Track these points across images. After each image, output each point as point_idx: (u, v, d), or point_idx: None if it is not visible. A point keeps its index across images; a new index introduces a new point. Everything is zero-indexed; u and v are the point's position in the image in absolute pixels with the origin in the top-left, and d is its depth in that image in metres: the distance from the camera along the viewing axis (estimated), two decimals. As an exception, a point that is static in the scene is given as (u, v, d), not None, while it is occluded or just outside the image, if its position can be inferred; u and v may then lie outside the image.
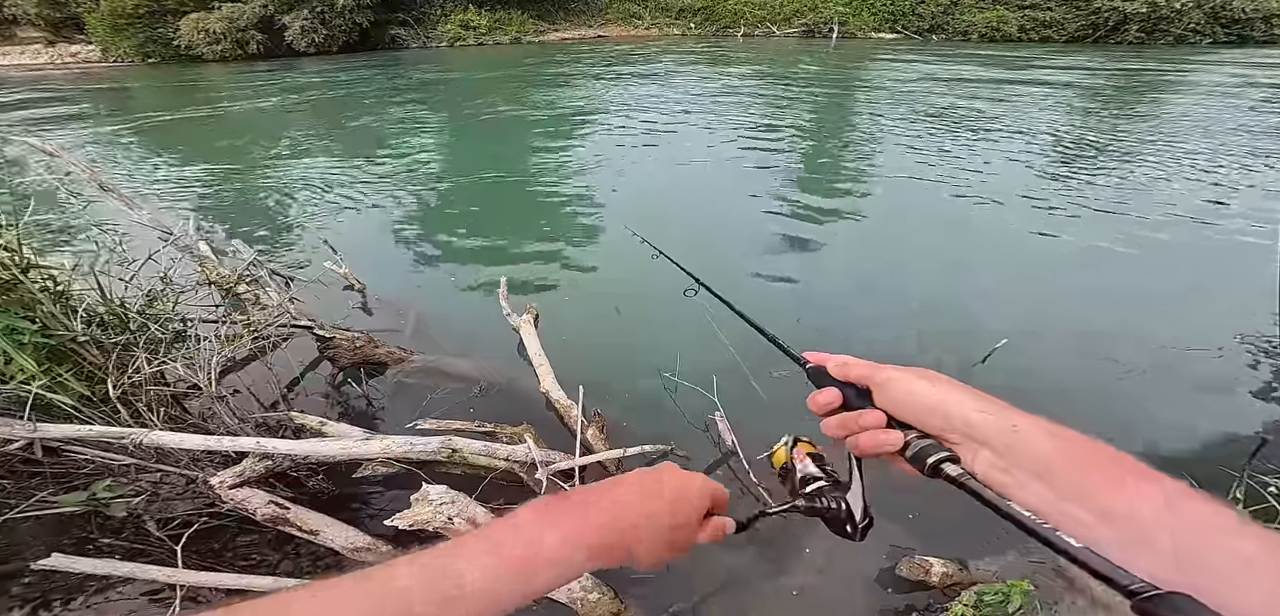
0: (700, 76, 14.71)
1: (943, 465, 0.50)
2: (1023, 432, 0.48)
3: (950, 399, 0.52)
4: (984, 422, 0.50)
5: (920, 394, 0.53)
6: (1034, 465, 0.47)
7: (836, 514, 0.58)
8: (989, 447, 0.49)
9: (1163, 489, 0.41)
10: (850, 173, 6.85)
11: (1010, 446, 0.48)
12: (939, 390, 0.53)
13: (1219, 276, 4.18)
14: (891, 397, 0.55)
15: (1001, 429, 0.49)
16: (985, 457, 0.49)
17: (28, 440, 1.95)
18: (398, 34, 27.92)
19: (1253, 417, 2.84)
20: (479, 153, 8.68)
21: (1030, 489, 0.47)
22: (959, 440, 0.51)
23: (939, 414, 0.52)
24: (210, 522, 2.02)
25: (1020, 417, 0.49)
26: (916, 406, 0.53)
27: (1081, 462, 0.45)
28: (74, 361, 2.30)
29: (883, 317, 3.73)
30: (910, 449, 0.53)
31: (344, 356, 3.15)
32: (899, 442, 0.54)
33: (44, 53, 28.05)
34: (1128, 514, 0.41)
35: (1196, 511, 0.40)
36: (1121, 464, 0.44)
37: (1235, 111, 9.39)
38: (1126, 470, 0.44)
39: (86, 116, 12.74)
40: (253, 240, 5.05)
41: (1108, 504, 0.43)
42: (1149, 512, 0.41)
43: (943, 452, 0.51)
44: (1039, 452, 0.47)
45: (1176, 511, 0.40)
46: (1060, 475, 0.45)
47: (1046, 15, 23.32)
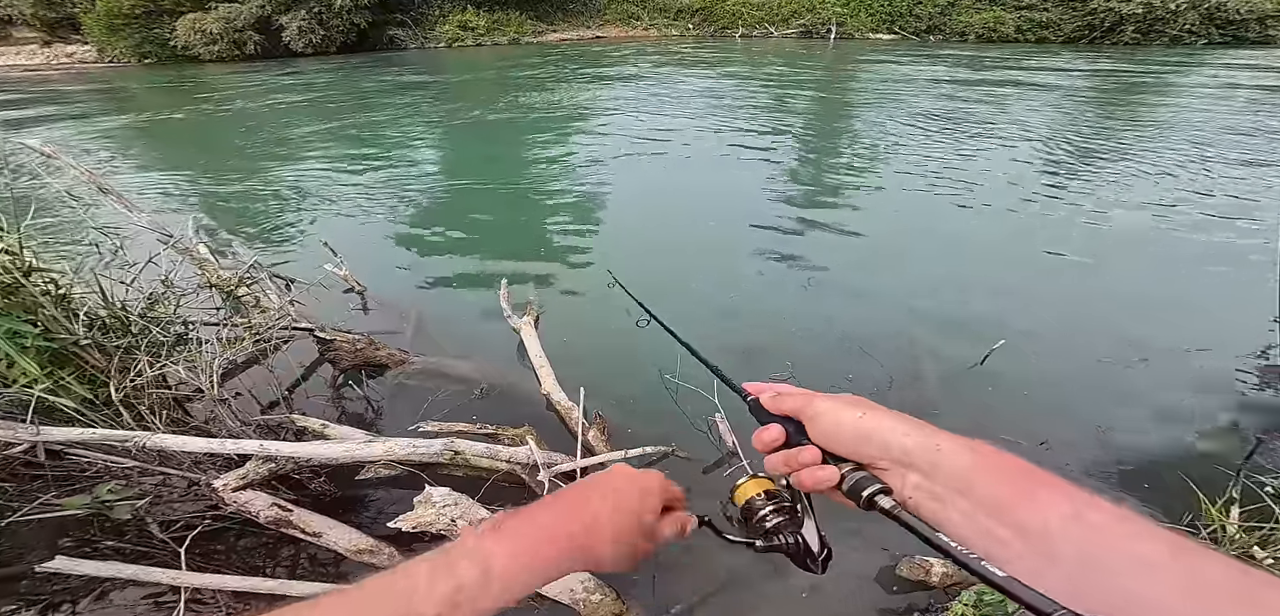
0: (699, 77, 14.73)
1: (876, 497, 0.50)
2: (945, 451, 0.48)
3: (875, 425, 0.52)
4: (909, 445, 0.50)
5: (847, 424, 0.54)
6: (956, 483, 0.47)
7: (795, 549, 0.58)
8: (916, 470, 0.49)
9: (1070, 499, 0.42)
10: (848, 174, 6.88)
11: (934, 466, 0.48)
12: (864, 418, 0.53)
13: (1215, 278, 4.20)
14: (822, 431, 0.55)
15: (925, 449, 0.49)
16: (913, 480, 0.50)
17: (31, 444, 1.95)
18: (396, 35, 27.90)
19: (1248, 419, 2.85)
20: (478, 153, 8.69)
21: (955, 507, 0.47)
22: (888, 466, 0.51)
23: (867, 442, 0.52)
24: (213, 525, 2.03)
25: (943, 437, 0.50)
26: (846, 437, 0.53)
27: (995, 477, 0.46)
28: (76, 365, 2.31)
29: (880, 319, 3.74)
30: (846, 482, 0.53)
31: (345, 359, 3.15)
32: (835, 478, 0.53)
33: (40, 53, 27.95)
34: (1040, 527, 0.42)
35: (1101, 519, 0.40)
36: (1031, 476, 0.45)
37: (1231, 112, 9.44)
38: (1036, 482, 0.44)
39: (84, 118, 12.70)
40: (253, 243, 5.06)
41: (1022, 518, 0.43)
42: (1056, 524, 0.41)
43: (875, 485, 0.51)
44: (958, 470, 0.47)
45: (1082, 521, 0.40)
46: (979, 491, 0.46)
47: (1043, 16, 23.46)
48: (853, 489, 0.52)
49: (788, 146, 8.10)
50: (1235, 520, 2.01)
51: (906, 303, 3.91)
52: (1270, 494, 2.04)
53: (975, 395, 3.01)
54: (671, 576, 2.07)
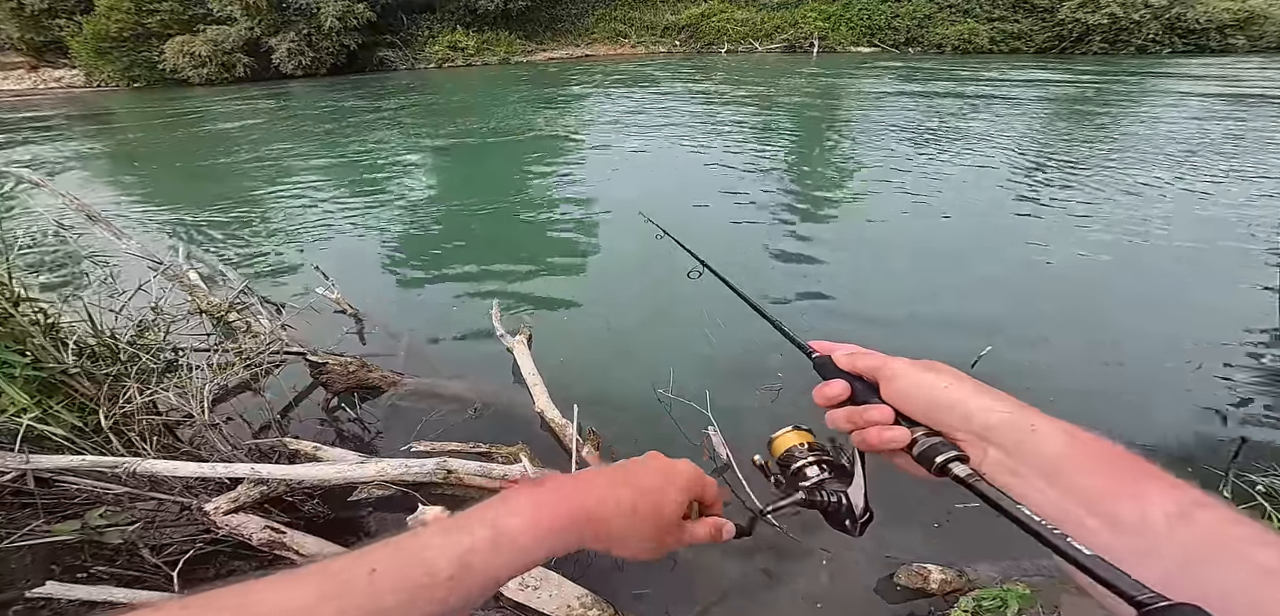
0: (686, 92, 14.92)
1: (951, 464, 0.48)
2: (1039, 431, 0.46)
3: (961, 394, 0.50)
4: (996, 421, 0.48)
5: (929, 388, 0.51)
6: (1044, 466, 0.45)
7: (836, 508, 0.55)
8: (998, 446, 0.47)
9: (1179, 496, 0.40)
10: (832, 185, 6.98)
11: (1020, 444, 0.46)
12: (950, 385, 0.51)
13: (1196, 280, 4.29)
14: (899, 391, 0.53)
15: (1015, 427, 0.47)
16: (993, 457, 0.48)
17: (20, 472, 1.94)
18: (386, 56, 28.03)
19: (1232, 417, 2.91)
20: (469, 174, 8.73)
21: (1038, 490, 0.45)
22: (967, 438, 0.49)
23: (949, 410, 0.50)
24: (205, 549, 2.01)
25: (1038, 417, 0.47)
26: (925, 401, 0.51)
27: (1095, 466, 0.44)
28: (65, 393, 2.30)
29: (867, 327, 3.79)
30: (918, 446, 0.51)
31: (337, 381, 3.15)
32: (906, 439, 0.52)
33: (27, 77, 27.79)
34: (1138, 521, 0.40)
35: (1214, 520, 0.38)
36: (1138, 469, 0.43)
37: (1198, 117, 9.69)
38: (1143, 475, 0.42)
39: (72, 144, 12.63)
40: (243, 268, 5.04)
41: (1117, 510, 0.41)
42: (1161, 520, 0.39)
43: (951, 451, 0.49)
44: (1051, 453, 0.45)
45: (1192, 520, 0.38)
46: (1071, 477, 0.44)
47: (1015, 27, 24.26)
48: (925, 453, 0.50)
49: (772, 159, 8.21)
50: None
51: (892, 309, 3.97)
52: (1262, 492, 2.06)
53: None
54: (669, 587, 2.08)
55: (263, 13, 24.79)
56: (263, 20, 25.06)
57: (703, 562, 2.14)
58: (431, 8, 28.85)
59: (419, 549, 0.44)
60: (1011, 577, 1.98)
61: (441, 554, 0.44)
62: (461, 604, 0.44)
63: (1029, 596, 1.79)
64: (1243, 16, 21.66)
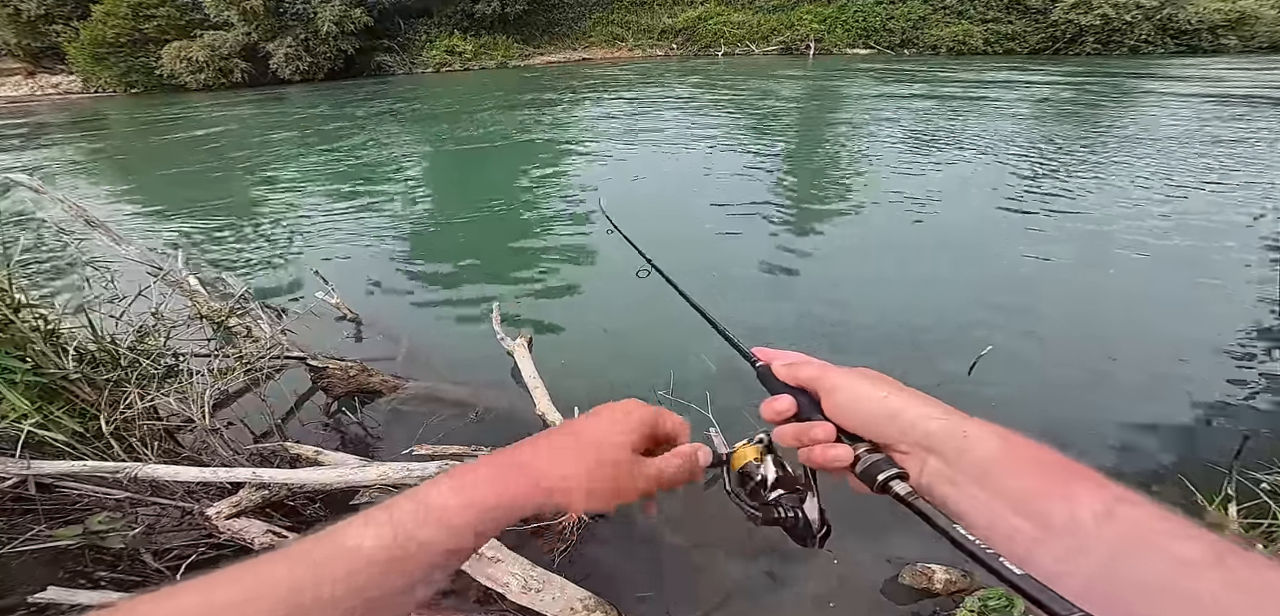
0: (683, 95, 14.96)
1: (892, 483, 0.48)
2: (971, 438, 0.46)
3: (899, 406, 0.49)
4: (933, 430, 0.47)
5: (867, 401, 0.51)
6: (979, 471, 0.45)
7: (794, 523, 0.54)
8: (937, 454, 0.47)
9: (1106, 494, 0.40)
10: (829, 186, 7.00)
11: (959, 452, 0.46)
12: (887, 395, 0.50)
13: (1194, 278, 4.31)
14: (839, 405, 0.52)
15: (951, 434, 0.47)
16: (933, 466, 0.47)
17: (21, 477, 1.94)
18: (383, 60, 28.10)
19: (1234, 415, 2.91)
20: (468, 178, 8.74)
21: (972, 496, 0.45)
22: (908, 449, 0.49)
23: (888, 422, 0.49)
24: (208, 553, 2.01)
25: (971, 423, 0.47)
26: (865, 414, 0.51)
27: (1025, 468, 0.44)
28: (66, 399, 2.29)
29: (864, 330, 3.80)
30: (860, 464, 0.50)
31: (338, 386, 3.15)
32: (848, 458, 0.51)
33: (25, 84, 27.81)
34: (1068, 520, 0.40)
35: (1138, 516, 0.38)
36: (1066, 469, 0.43)
37: (1192, 118, 9.74)
38: (1072, 475, 0.42)
39: (70, 149, 12.62)
40: (243, 273, 5.04)
41: (1047, 511, 0.41)
42: (1089, 518, 0.39)
43: (892, 469, 0.48)
44: (984, 457, 0.45)
45: (1116, 517, 0.39)
46: (1003, 481, 0.44)
47: (1008, 28, 24.48)
48: (867, 472, 0.49)
49: (772, 161, 8.23)
50: (1234, 518, 2.03)
51: (890, 310, 3.98)
52: (1266, 490, 2.06)
53: (964, 400, 3.04)
54: (675, 588, 2.08)
55: (260, 18, 24.83)
56: (260, 25, 25.11)
57: (706, 563, 2.14)
58: (428, 12, 28.93)
59: (345, 536, 0.42)
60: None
61: (372, 533, 0.42)
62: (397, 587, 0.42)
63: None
64: (1234, 17, 21.89)
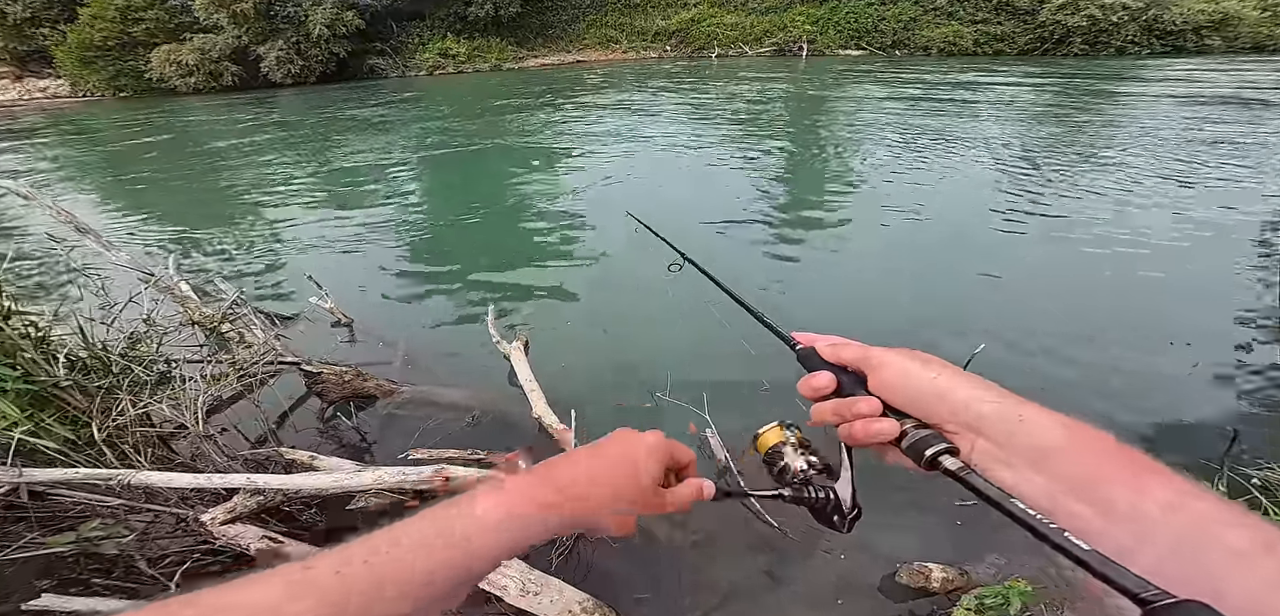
0: (677, 97, 14.99)
1: (941, 457, 0.47)
2: (1028, 422, 0.46)
3: (950, 384, 0.49)
4: (987, 411, 0.47)
5: (917, 379, 0.50)
6: (1035, 456, 0.44)
7: (824, 504, 0.54)
8: (988, 437, 0.47)
9: (1176, 486, 0.40)
10: (821, 188, 7.03)
11: (1011, 435, 0.45)
12: (939, 375, 0.50)
13: (1186, 275, 4.35)
14: (886, 382, 0.52)
15: (1005, 417, 0.46)
16: (982, 448, 0.47)
17: (13, 485, 1.92)
18: (376, 63, 27.96)
19: (1225, 410, 2.93)
20: (461, 181, 8.71)
21: (1028, 480, 0.44)
22: (956, 429, 0.48)
23: (939, 400, 0.49)
24: (203, 560, 2.00)
25: (1027, 407, 0.47)
26: (913, 392, 0.50)
27: (1088, 455, 0.43)
28: (57, 406, 2.27)
29: (857, 324, 3.81)
30: (907, 439, 0.49)
31: (332, 391, 3.13)
32: (895, 432, 0.50)
33: (12, 88, 27.44)
34: (1131, 510, 0.39)
35: (1202, 508, 0.38)
36: (1132, 459, 0.42)
37: (1180, 117, 9.85)
38: (1141, 467, 0.42)
39: (59, 154, 12.50)
40: (235, 278, 5.00)
41: (1111, 499, 0.40)
42: (1155, 509, 0.39)
43: (942, 444, 0.47)
44: (1043, 443, 0.44)
45: (1182, 509, 0.38)
46: (1063, 467, 0.43)
47: (998, 29, 24.78)
48: (914, 446, 0.48)
49: (765, 163, 8.26)
50: None
51: (884, 309, 4.00)
52: (1257, 485, 2.08)
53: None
54: (673, 590, 2.08)
55: (250, 21, 24.65)
56: (250, 28, 24.93)
57: (704, 564, 2.15)
58: (421, 15, 28.82)
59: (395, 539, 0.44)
60: (1013, 574, 1.99)
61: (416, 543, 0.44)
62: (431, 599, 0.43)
63: (1031, 593, 1.79)
64: (1218, 17, 22.17)
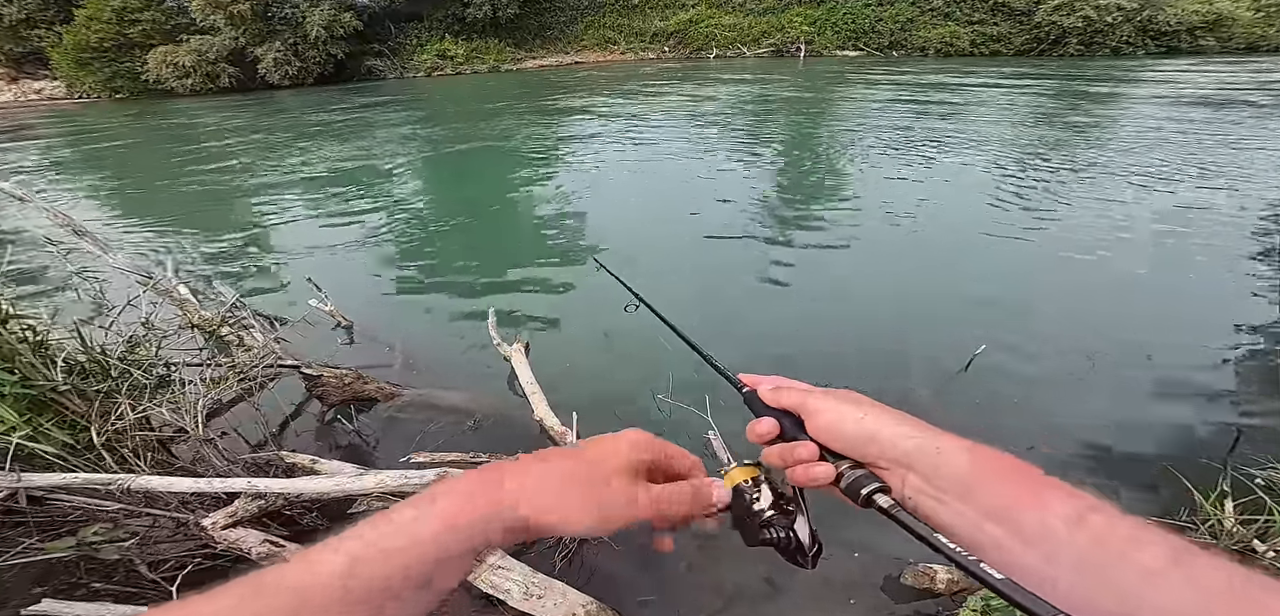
0: (675, 98, 14.99)
1: (874, 496, 0.50)
2: (944, 453, 0.48)
3: (875, 425, 0.52)
4: (909, 448, 0.50)
5: (848, 422, 0.53)
6: (955, 485, 0.47)
7: (786, 544, 0.55)
8: (915, 471, 0.49)
9: (1076, 502, 0.41)
10: (822, 187, 7.04)
11: (935, 468, 0.48)
12: (865, 417, 0.53)
13: (1187, 276, 4.36)
14: (822, 427, 0.54)
15: (925, 450, 0.49)
16: (913, 481, 0.49)
17: (11, 490, 1.90)
18: (374, 65, 27.95)
19: (1228, 410, 2.93)
20: (460, 183, 8.70)
21: (954, 509, 0.47)
22: (888, 466, 0.51)
23: (868, 442, 0.52)
24: (204, 564, 1.99)
25: (943, 438, 0.49)
26: (846, 435, 0.53)
27: (997, 479, 0.45)
28: (56, 411, 2.25)
29: (861, 331, 3.82)
30: (844, 480, 0.52)
31: (333, 394, 3.11)
32: (831, 475, 0.53)
33: (7, 90, 27.37)
34: (1040, 529, 0.41)
35: (1103, 524, 0.40)
36: (1034, 479, 0.45)
37: (1177, 117, 9.90)
38: (1040, 485, 0.44)
39: (55, 156, 12.45)
40: (234, 281, 4.98)
41: (1022, 521, 0.42)
42: (1060, 526, 0.41)
43: (874, 484, 0.50)
44: (958, 472, 0.47)
45: (1084, 525, 0.40)
46: (979, 494, 0.45)
47: (994, 30, 24.94)
48: (850, 486, 0.52)
49: (764, 164, 8.27)
50: (1231, 513, 2.05)
51: (886, 310, 4.00)
52: (1261, 485, 2.07)
53: (962, 399, 3.08)
54: (676, 593, 2.07)
55: (247, 22, 24.61)
56: (248, 30, 24.89)
57: (707, 567, 2.14)
58: (419, 16, 28.81)
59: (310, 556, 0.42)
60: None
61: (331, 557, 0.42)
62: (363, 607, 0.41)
63: None
64: (1212, 18, 22.33)
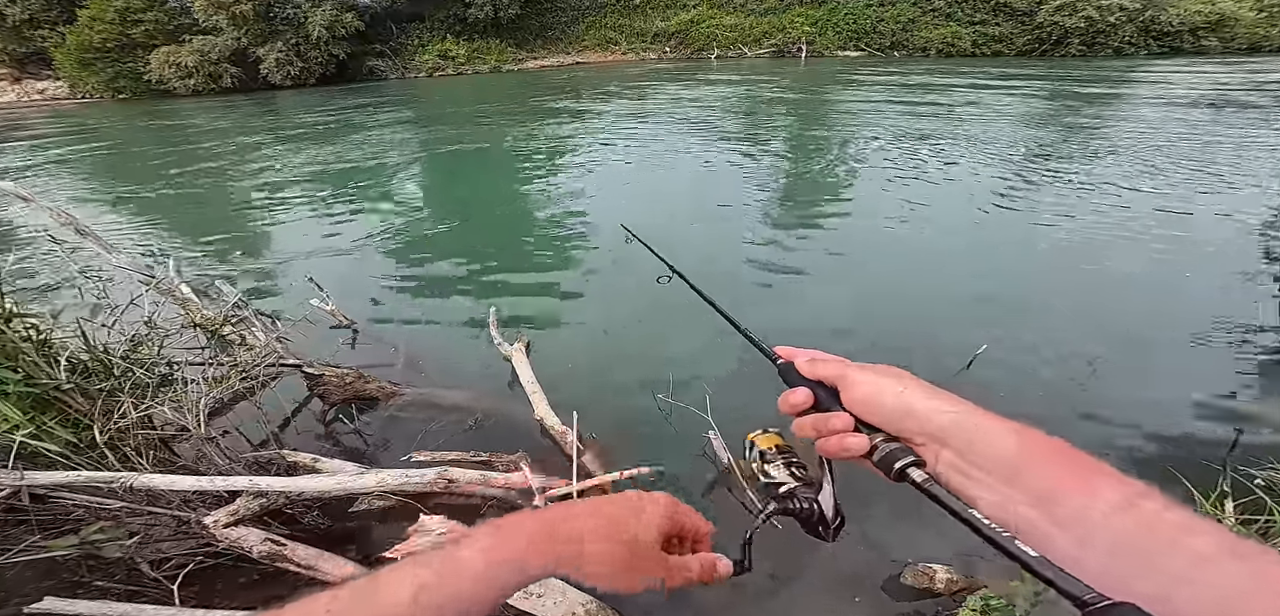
0: (676, 98, 15.00)
1: (908, 470, 0.50)
2: (985, 432, 0.48)
3: (915, 399, 0.51)
4: (946, 423, 0.49)
5: (886, 395, 0.53)
6: (993, 465, 0.46)
7: (809, 514, 0.55)
8: (950, 448, 0.49)
9: (1125, 489, 0.41)
10: (822, 186, 7.03)
11: (971, 444, 0.48)
12: (904, 391, 0.52)
13: (1187, 276, 4.34)
14: (857, 399, 0.54)
15: (963, 428, 0.49)
16: (947, 458, 0.49)
17: (14, 488, 1.91)
18: (376, 65, 27.98)
19: (1228, 411, 2.92)
20: (461, 183, 8.71)
21: (988, 488, 0.46)
22: (923, 441, 0.51)
23: (904, 415, 0.51)
24: (206, 562, 2.00)
25: (984, 417, 0.49)
26: (883, 408, 0.53)
27: (1042, 462, 0.45)
28: (59, 409, 2.26)
29: (864, 330, 3.82)
30: (877, 453, 0.52)
31: (334, 393, 3.12)
32: (865, 447, 0.53)
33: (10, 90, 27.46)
34: (1080, 513, 0.41)
35: (1152, 510, 0.39)
36: (1084, 464, 0.44)
37: (1180, 118, 9.87)
38: (1091, 470, 0.43)
39: (58, 156, 12.48)
40: (236, 280, 5.00)
41: (1062, 503, 0.42)
42: (1105, 511, 0.40)
43: (908, 457, 0.50)
44: (999, 452, 0.46)
45: (1135, 510, 0.40)
46: (1019, 475, 0.45)
47: (996, 30, 24.89)
48: (884, 459, 0.51)
49: (764, 163, 8.27)
50: (1231, 514, 2.04)
51: (888, 311, 4.00)
52: (1261, 486, 2.07)
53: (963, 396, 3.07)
54: (675, 593, 2.08)
55: (249, 23, 24.66)
56: (250, 30, 24.94)
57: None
58: (421, 17, 28.85)
59: (375, 588, 0.46)
60: (1018, 576, 1.99)
61: (396, 590, 0.45)
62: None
63: (1037, 594, 1.78)
64: (1214, 18, 22.23)
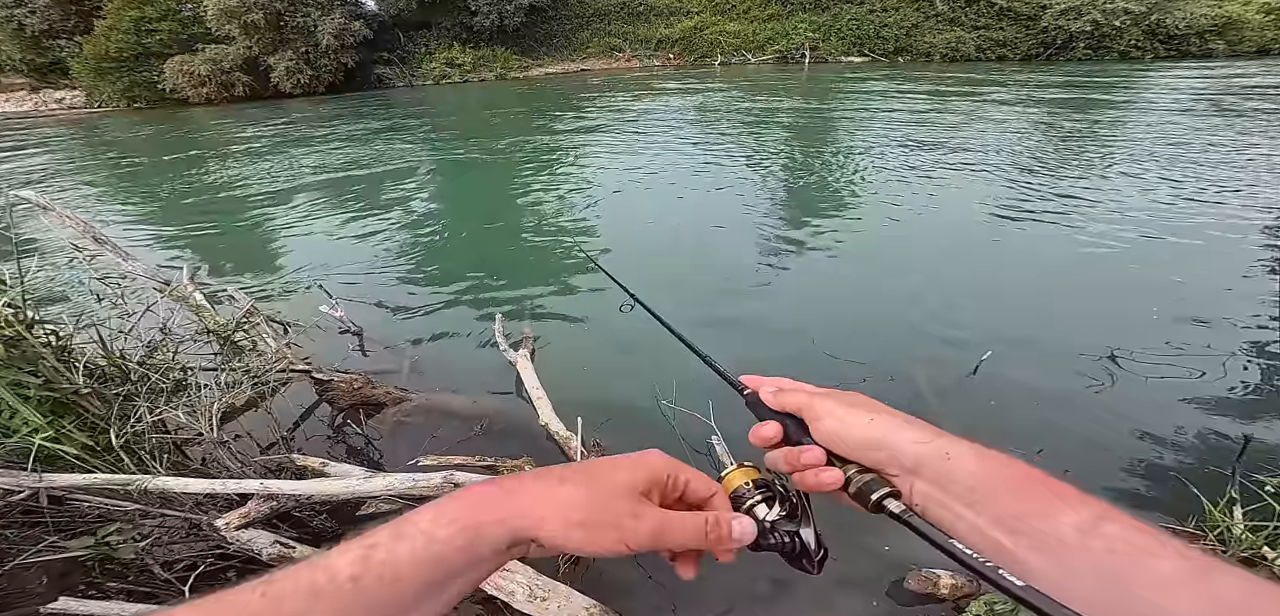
0: (679, 106, 15.06)
1: (885, 502, 0.49)
2: (954, 458, 0.47)
3: (883, 429, 0.51)
4: (918, 453, 0.49)
5: (853, 428, 0.52)
6: (965, 493, 0.46)
7: (792, 549, 0.52)
8: (922, 477, 0.48)
9: (1087, 510, 0.41)
10: (827, 191, 7.05)
11: (945, 474, 0.47)
12: (872, 421, 0.51)
13: (1193, 282, 4.31)
14: (826, 431, 0.53)
15: (935, 456, 0.48)
16: (921, 487, 0.49)
17: (33, 490, 1.97)
18: (383, 73, 28.29)
19: (1236, 417, 2.90)
20: (467, 190, 8.80)
21: (963, 517, 0.46)
22: (897, 472, 0.50)
23: (876, 447, 0.50)
24: (216, 564, 2.04)
25: (951, 443, 0.48)
26: (852, 440, 0.52)
27: (1007, 487, 0.45)
28: (76, 413, 2.33)
29: (867, 331, 3.83)
30: (852, 485, 0.51)
31: (342, 398, 3.18)
32: (839, 481, 0.51)
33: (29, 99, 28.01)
34: (1051, 537, 0.41)
35: (1117, 533, 0.39)
36: (1045, 485, 0.44)
37: (1184, 122, 9.80)
38: (1053, 492, 0.43)
39: (75, 164, 12.72)
40: (248, 287, 5.08)
41: (1031, 528, 0.42)
42: (1072, 534, 0.40)
43: (884, 489, 0.49)
44: (968, 479, 0.46)
45: (1097, 533, 0.40)
46: (989, 502, 0.45)
47: (1000, 35, 24.75)
48: (860, 492, 0.50)
49: (772, 170, 8.29)
50: (1239, 520, 2.03)
51: (892, 316, 4.00)
52: (1270, 492, 2.05)
53: (969, 404, 3.09)
54: (680, 596, 2.10)
55: (260, 31, 25.03)
56: (261, 39, 25.31)
57: (712, 570, 2.16)
58: (427, 25, 29.17)
59: (327, 556, 0.43)
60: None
61: (344, 555, 0.42)
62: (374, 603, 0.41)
63: None
64: (1221, 22, 22.02)
